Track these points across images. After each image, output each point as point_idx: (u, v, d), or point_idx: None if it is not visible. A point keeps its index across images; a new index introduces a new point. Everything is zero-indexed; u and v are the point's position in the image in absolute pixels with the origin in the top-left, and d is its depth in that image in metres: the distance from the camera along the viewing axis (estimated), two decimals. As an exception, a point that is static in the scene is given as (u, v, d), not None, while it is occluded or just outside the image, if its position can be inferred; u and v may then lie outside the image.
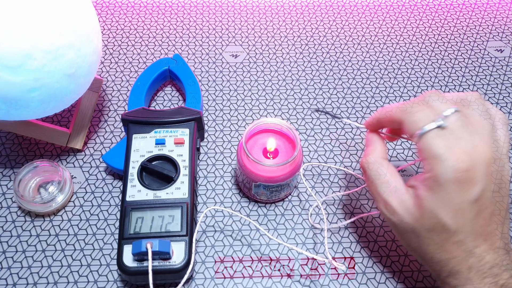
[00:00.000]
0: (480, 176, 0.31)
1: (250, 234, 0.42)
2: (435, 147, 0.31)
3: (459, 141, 0.31)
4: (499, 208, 0.33)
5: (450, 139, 0.32)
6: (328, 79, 0.55)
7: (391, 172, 0.35)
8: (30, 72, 0.36)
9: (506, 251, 0.32)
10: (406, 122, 0.34)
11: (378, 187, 0.35)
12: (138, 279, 0.37)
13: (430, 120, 0.32)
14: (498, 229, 0.32)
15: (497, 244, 0.32)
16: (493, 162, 0.32)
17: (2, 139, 0.48)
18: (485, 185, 0.31)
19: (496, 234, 0.32)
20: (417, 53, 0.58)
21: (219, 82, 0.54)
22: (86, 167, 0.46)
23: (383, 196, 0.35)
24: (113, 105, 0.51)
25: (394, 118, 0.35)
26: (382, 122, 0.37)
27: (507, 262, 0.32)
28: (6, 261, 0.40)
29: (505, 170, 0.33)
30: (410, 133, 0.33)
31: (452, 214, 0.31)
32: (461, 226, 0.32)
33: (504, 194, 0.33)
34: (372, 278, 0.40)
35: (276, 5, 0.64)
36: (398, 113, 0.35)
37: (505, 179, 0.33)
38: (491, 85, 0.55)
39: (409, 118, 0.34)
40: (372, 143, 0.38)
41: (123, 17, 0.61)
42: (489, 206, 0.32)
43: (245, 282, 0.39)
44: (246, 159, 0.40)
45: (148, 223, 0.38)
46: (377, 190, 0.35)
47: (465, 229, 0.32)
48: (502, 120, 0.35)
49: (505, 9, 0.65)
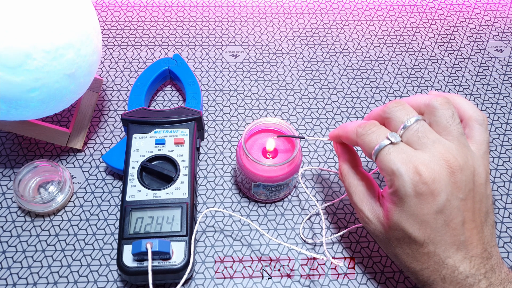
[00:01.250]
0: (442, 186, 0.30)
1: (250, 234, 0.42)
2: (390, 164, 0.31)
3: (415, 153, 0.31)
4: (474, 215, 0.31)
5: (405, 153, 0.31)
6: (328, 79, 0.55)
7: (363, 182, 0.36)
8: (30, 72, 0.36)
9: (484, 259, 0.31)
10: (361, 145, 0.34)
11: (353, 196, 0.36)
12: (138, 279, 0.37)
13: (382, 139, 0.32)
14: (474, 236, 0.31)
15: (472, 253, 0.31)
16: (459, 170, 0.30)
17: (2, 139, 0.48)
18: (448, 194, 0.30)
19: (472, 242, 0.31)
20: (417, 53, 0.58)
21: (219, 82, 0.54)
22: (86, 167, 0.46)
23: (358, 205, 0.35)
24: (113, 105, 0.51)
25: (350, 140, 0.35)
26: (342, 139, 0.37)
27: (484, 271, 0.31)
28: (6, 261, 0.40)
29: (480, 174, 0.32)
30: (367, 154, 0.34)
31: (417, 226, 0.31)
32: (428, 238, 0.31)
33: (480, 198, 0.32)
34: (372, 278, 0.40)
35: (276, 5, 0.64)
36: (353, 136, 0.35)
37: (479, 183, 0.32)
38: (491, 85, 0.55)
39: (362, 140, 0.33)
40: (342, 154, 0.38)
41: (123, 17, 0.61)
42: (458, 215, 0.31)
43: (245, 282, 0.39)
44: (245, 159, 0.40)
45: (148, 223, 0.38)
46: (353, 200, 0.36)
47: (433, 240, 0.31)
48: (479, 121, 0.34)
49: (505, 9, 0.65)
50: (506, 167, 0.48)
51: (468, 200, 0.31)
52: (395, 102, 0.34)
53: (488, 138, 0.34)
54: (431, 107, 0.33)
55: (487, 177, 0.32)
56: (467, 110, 0.34)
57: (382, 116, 0.34)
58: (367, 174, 0.37)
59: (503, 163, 0.48)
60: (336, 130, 0.38)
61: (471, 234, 0.31)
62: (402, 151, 0.31)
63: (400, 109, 0.33)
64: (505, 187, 0.46)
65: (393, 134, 0.32)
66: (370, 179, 0.36)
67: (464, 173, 0.31)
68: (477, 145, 0.33)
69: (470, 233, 0.31)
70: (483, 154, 0.33)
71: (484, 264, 0.31)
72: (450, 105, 0.33)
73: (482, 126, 0.34)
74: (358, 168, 0.37)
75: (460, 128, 0.32)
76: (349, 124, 0.36)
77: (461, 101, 0.35)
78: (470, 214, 0.31)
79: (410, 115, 0.33)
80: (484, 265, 0.31)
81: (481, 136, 0.33)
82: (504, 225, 0.44)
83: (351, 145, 0.37)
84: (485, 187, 0.32)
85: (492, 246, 0.32)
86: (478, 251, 0.31)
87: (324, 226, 0.38)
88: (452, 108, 0.32)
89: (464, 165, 0.31)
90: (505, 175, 0.47)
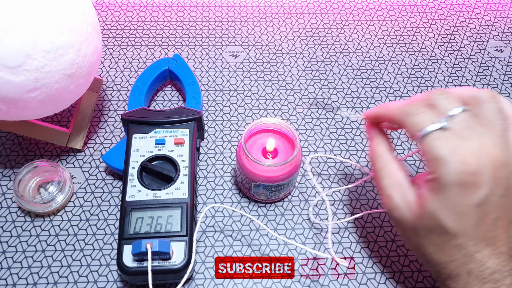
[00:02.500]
0: (486, 179, 0.30)
1: (250, 234, 0.42)
2: (437, 149, 0.30)
3: (464, 142, 0.30)
4: (506, 213, 0.31)
5: (454, 140, 0.30)
6: (328, 79, 0.55)
7: (397, 166, 0.35)
8: (30, 72, 0.36)
9: (510, 256, 0.31)
10: (407, 124, 0.33)
11: (383, 180, 0.35)
12: (138, 279, 0.37)
13: (432, 122, 0.31)
14: (503, 234, 0.31)
15: (500, 250, 0.31)
16: (502, 166, 0.30)
17: (2, 139, 0.48)
18: (490, 189, 0.30)
19: (501, 239, 0.31)
20: (417, 53, 0.58)
21: (219, 82, 0.54)
22: (86, 167, 0.46)
23: (387, 189, 0.34)
24: (113, 105, 0.51)
25: (394, 119, 0.34)
26: (382, 119, 0.36)
27: (509, 268, 0.31)
28: (6, 261, 0.40)
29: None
30: (411, 135, 0.33)
31: (453, 217, 0.30)
32: (462, 230, 0.31)
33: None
34: (372, 278, 0.40)
35: (276, 5, 0.64)
36: (399, 115, 0.34)
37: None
38: (491, 85, 0.55)
39: (410, 119, 0.32)
40: (375, 136, 0.37)
41: (123, 17, 0.61)
42: (494, 211, 0.30)
43: (245, 282, 0.39)
44: (245, 159, 0.40)
45: (148, 223, 0.38)
46: (382, 183, 0.35)
47: (466, 233, 0.31)
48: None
49: (505, 9, 0.65)
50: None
51: (504, 197, 0.31)
52: (440, 90, 0.33)
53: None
54: (478, 99, 0.32)
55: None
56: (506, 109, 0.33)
57: (425, 103, 0.33)
58: (399, 159, 0.36)
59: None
60: (375, 109, 0.37)
61: (501, 231, 0.31)
62: (451, 138, 0.30)
63: (446, 97, 0.32)
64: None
65: (446, 118, 0.31)
66: (401, 165, 0.35)
67: (506, 170, 0.30)
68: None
69: (500, 230, 0.31)
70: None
71: (509, 261, 0.31)
72: (496, 99, 0.32)
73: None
74: (391, 152, 0.36)
75: (505, 124, 0.31)
76: (392, 103, 0.35)
77: (501, 98, 0.34)
78: (503, 211, 0.31)
79: (456, 104, 0.32)
80: (509, 263, 0.31)
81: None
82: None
83: (391, 124, 0.36)
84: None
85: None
86: (505, 249, 0.31)
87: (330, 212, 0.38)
88: (498, 103, 0.32)
89: (507, 161, 0.30)
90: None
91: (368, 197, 0.45)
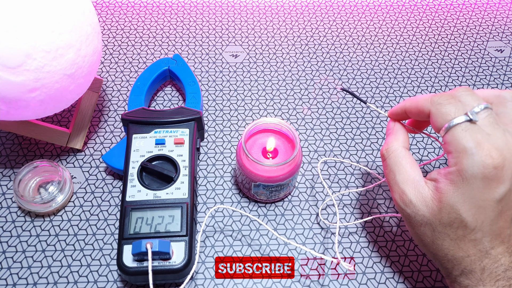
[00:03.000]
0: (508, 175, 0.30)
1: (250, 234, 0.42)
2: (463, 141, 0.30)
3: (489, 137, 0.30)
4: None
5: (480, 134, 0.30)
6: (328, 79, 0.55)
7: (411, 162, 0.34)
8: (30, 72, 0.36)
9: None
10: (435, 114, 0.33)
11: (397, 175, 0.34)
12: (138, 279, 0.37)
13: (460, 114, 0.31)
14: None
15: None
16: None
17: (2, 139, 0.48)
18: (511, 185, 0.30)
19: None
20: (417, 53, 0.58)
21: (219, 82, 0.54)
22: (86, 167, 0.46)
23: (400, 185, 0.34)
24: (113, 105, 0.51)
25: (422, 109, 0.34)
26: (409, 112, 0.36)
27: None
28: (6, 261, 0.40)
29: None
30: (437, 125, 0.32)
31: (473, 211, 0.30)
32: (480, 225, 0.31)
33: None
34: (372, 278, 0.40)
35: (276, 5, 0.64)
36: (427, 104, 0.33)
37: None
38: (491, 85, 0.55)
39: (438, 109, 0.32)
40: (394, 132, 0.37)
41: (123, 17, 0.61)
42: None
43: (245, 282, 0.39)
44: (245, 159, 0.40)
45: (148, 223, 0.38)
46: (395, 179, 0.34)
47: (484, 228, 0.31)
48: None
49: (505, 9, 0.65)
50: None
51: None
52: (464, 87, 0.33)
53: None
54: (502, 98, 0.32)
55: None
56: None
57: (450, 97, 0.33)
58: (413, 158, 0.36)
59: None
60: (401, 103, 0.36)
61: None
62: (479, 131, 0.30)
63: (470, 94, 0.32)
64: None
65: (473, 112, 0.31)
66: (416, 163, 0.35)
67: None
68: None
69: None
70: None
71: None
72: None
73: None
74: (407, 149, 0.36)
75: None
76: (419, 96, 0.35)
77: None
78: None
79: (480, 101, 0.32)
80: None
81: None
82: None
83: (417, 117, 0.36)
84: None
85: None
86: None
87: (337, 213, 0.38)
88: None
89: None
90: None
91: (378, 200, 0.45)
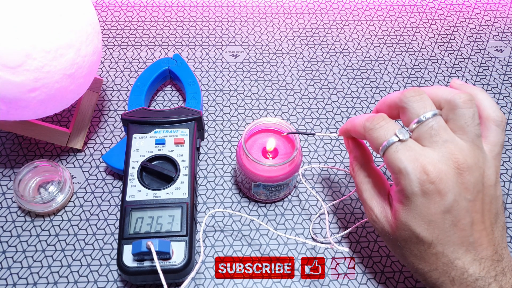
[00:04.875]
0: (449, 186, 0.29)
1: (250, 234, 0.42)
2: (396, 162, 0.30)
3: (424, 151, 0.30)
4: (483, 216, 0.31)
5: (413, 151, 0.30)
6: (328, 79, 0.55)
7: (375, 178, 0.35)
8: (30, 72, 0.36)
9: (494, 261, 0.31)
10: (369, 140, 0.33)
11: (363, 193, 0.35)
12: (138, 279, 0.37)
13: (390, 135, 0.31)
14: (484, 238, 0.31)
15: (483, 254, 0.31)
16: (468, 171, 0.30)
17: (2, 139, 0.48)
18: (456, 194, 0.30)
19: (481, 243, 0.31)
20: (417, 53, 0.58)
21: (219, 82, 0.54)
22: (86, 167, 0.46)
23: (367, 202, 0.35)
24: (113, 105, 0.51)
25: (358, 133, 0.34)
26: (351, 133, 0.36)
27: (495, 273, 0.30)
28: (6, 261, 0.40)
29: (489, 175, 0.31)
30: (374, 149, 0.33)
31: (425, 226, 0.30)
32: (436, 238, 0.31)
33: (490, 200, 0.31)
34: (372, 278, 0.40)
35: (276, 5, 0.64)
36: (361, 130, 0.34)
37: (488, 185, 0.31)
38: (491, 85, 0.55)
39: (370, 135, 0.32)
40: (351, 150, 0.37)
41: (123, 17, 0.61)
42: (466, 216, 0.30)
43: (245, 282, 0.39)
44: (245, 159, 0.40)
45: (148, 223, 0.38)
46: (362, 197, 0.35)
47: (441, 240, 0.31)
48: (496, 121, 0.32)
49: (505, 9, 0.65)
50: (506, 167, 0.48)
51: (477, 201, 0.31)
52: (413, 90, 0.32)
53: (503, 140, 0.33)
54: (453, 104, 0.31)
55: (497, 179, 0.32)
56: (486, 109, 0.33)
57: (398, 104, 0.33)
58: (378, 171, 0.36)
59: (503, 163, 0.48)
60: (345, 124, 0.37)
61: (481, 235, 0.31)
62: (410, 148, 0.30)
63: (418, 99, 0.31)
64: (505, 187, 0.46)
65: (402, 131, 0.31)
66: (381, 176, 0.35)
67: (473, 175, 0.30)
68: (490, 146, 0.32)
69: (479, 234, 0.31)
70: (495, 155, 0.32)
71: (494, 266, 0.31)
72: (472, 103, 0.31)
73: (499, 127, 0.32)
74: (369, 165, 0.36)
75: (478, 130, 0.31)
76: (357, 118, 0.35)
77: (483, 97, 0.33)
78: (479, 215, 0.31)
79: (427, 108, 0.31)
80: (495, 268, 0.31)
81: (496, 137, 0.32)
82: (504, 225, 0.44)
83: (361, 139, 0.36)
84: (495, 188, 0.32)
85: (503, 248, 0.32)
86: (489, 253, 0.31)
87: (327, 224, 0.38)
88: (474, 108, 0.31)
89: (474, 166, 0.30)
90: (505, 175, 0.47)
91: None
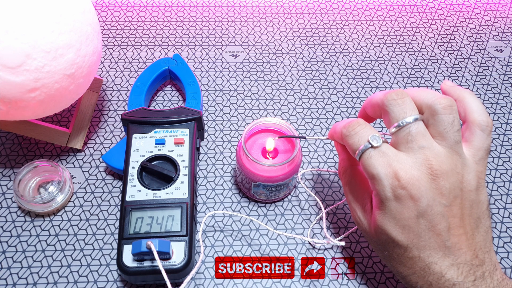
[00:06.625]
0: (422, 191, 0.30)
1: (250, 234, 0.42)
2: (370, 168, 0.31)
3: (397, 157, 0.30)
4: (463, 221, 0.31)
5: (386, 157, 0.30)
6: (328, 79, 0.55)
7: (360, 181, 0.35)
8: (30, 72, 0.36)
9: (473, 266, 0.30)
10: (346, 146, 0.33)
11: (348, 195, 0.36)
12: (138, 279, 0.37)
13: (364, 141, 0.31)
14: (462, 243, 0.30)
15: (460, 259, 0.30)
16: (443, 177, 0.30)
17: (2, 139, 0.48)
18: (430, 200, 0.30)
19: (460, 248, 0.30)
20: (417, 53, 0.58)
21: (219, 82, 0.54)
22: (86, 167, 0.46)
23: (352, 204, 0.35)
24: (113, 105, 0.51)
25: (340, 139, 0.35)
26: (335, 138, 0.36)
27: (474, 278, 0.30)
28: (6, 261, 0.40)
29: (469, 181, 0.31)
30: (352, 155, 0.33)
31: (400, 230, 0.31)
32: (411, 242, 0.31)
33: (470, 205, 0.31)
34: (372, 278, 0.40)
35: (276, 5, 0.64)
36: (340, 137, 0.34)
37: (468, 190, 0.31)
38: (491, 85, 0.55)
39: (346, 142, 0.33)
40: (341, 152, 0.37)
41: (123, 17, 0.61)
42: (442, 220, 0.30)
43: (245, 282, 0.39)
44: (245, 159, 0.40)
45: (148, 223, 0.38)
46: (348, 198, 0.36)
47: (416, 245, 0.31)
48: (481, 126, 0.32)
49: (505, 9, 0.65)
50: (506, 167, 0.48)
51: (454, 206, 0.30)
52: (395, 93, 0.32)
53: (488, 144, 0.32)
54: (432, 110, 0.31)
55: (480, 184, 0.32)
56: (472, 112, 0.32)
57: (380, 106, 0.33)
58: (363, 174, 0.36)
59: (503, 163, 0.48)
60: (331, 129, 0.37)
61: (459, 240, 0.31)
62: (383, 154, 0.31)
63: (399, 103, 0.31)
64: (505, 187, 0.46)
65: (375, 137, 0.31)
66: (365, 179, 0.35)
67: (449, 180, 0.30)
68: (474, 151, 0.32)
69: (457, 239, 0.30)
70: (478, 160, 0.32)
71: (474, 271, 0.30)
72: (452, 109, 0.30)
73: (484, 132, 0.32)
74: (355, 167, 0.36)
75: (457, 136, 0.31)
76: (339, 124, 0.35)
77: (471, 100, 0.33)
78: (457, 220, 0.31)
79: (407, 113, 0.31)
80: (474, 272, 0.30)
81: (480, 142, 0.32)
82: (504, 225, 0.44)
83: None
84: (476, 193, 0.31)
85: (485, 252, 0.31)
86: (468, 257, 0.30)
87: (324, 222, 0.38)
88: (454, 114, 0.30)
89: (450, 172, 0.30)
90: (505, 175, 0.47)
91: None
